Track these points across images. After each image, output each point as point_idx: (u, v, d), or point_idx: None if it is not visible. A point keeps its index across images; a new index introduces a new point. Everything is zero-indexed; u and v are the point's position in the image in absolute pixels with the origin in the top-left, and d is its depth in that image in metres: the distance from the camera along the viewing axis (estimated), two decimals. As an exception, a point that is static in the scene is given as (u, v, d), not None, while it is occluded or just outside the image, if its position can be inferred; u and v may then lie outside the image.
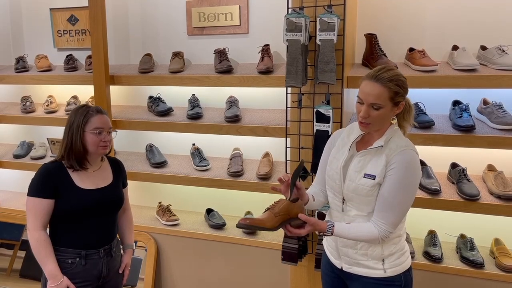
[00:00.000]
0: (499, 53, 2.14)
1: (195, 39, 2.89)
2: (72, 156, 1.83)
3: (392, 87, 1.51)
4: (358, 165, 1.61)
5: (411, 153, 1.56)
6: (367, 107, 1.53)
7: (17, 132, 3.42)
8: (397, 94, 1.52)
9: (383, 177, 1.56)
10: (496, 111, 2.16)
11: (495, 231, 2.36)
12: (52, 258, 1.79)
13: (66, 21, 3.18)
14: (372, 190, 1.57)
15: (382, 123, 1.57)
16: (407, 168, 1.53)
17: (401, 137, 1.61)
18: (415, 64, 2.25)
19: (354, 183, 1.60)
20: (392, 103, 1.53)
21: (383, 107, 1.52)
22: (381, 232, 1.55)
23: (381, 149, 1.57)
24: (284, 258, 2.25)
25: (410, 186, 1.55)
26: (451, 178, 2.34)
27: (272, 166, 2.64)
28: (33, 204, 1.79)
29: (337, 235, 1.59)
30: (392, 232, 1.57)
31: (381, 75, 1.51)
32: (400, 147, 1.56)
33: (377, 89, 1.51)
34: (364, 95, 1.53)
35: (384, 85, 1.50)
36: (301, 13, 2.10)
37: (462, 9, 2.33)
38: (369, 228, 1.56)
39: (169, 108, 2.80)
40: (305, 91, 2.21)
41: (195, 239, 2.71)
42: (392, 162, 1.54)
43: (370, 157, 1.59)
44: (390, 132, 1.59)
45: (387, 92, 1.51)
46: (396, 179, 1.53)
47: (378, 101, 1.51)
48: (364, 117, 1.53)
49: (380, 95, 1.51)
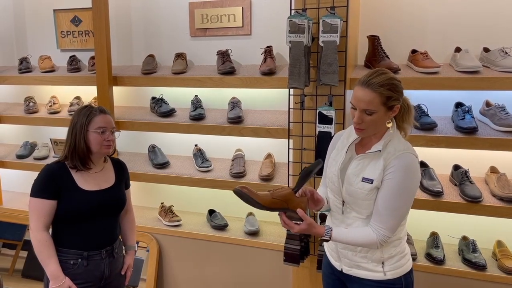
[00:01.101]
0: (502, 55, 2.13)
1: (198, 40, 2.89)
2: (76, 156, 1.83)
3: (384, 92, 1.48)
4: (356, 169, 1.60)
5: (410, 156, 1.54)
6: (360, 113, 1.52)
7: (20, 133, 3.43)
8: (390, 98, 1.50)
9: (381, 181, 1.55)
10: (498, 113, 2.15)
11: (497, 233, 2.35)
12: (54, 259, 1.80)
13: (70, 22, 3.20)
14: (369, 194, 1.57)
15: (377, 127, 1.56)
16: (405, 172, 1.52)
17: (400, 140, 1.59)
18: (418, 66, 2.25)
19: (352, 187, 1.60)
20: (386, 107, 1.51)
21: (376, 112, 1.50)
22: (380, 236, 1.54)
23: (379, 153, 1.57)
24: (286, 259, 2.25)
25: (408, 190, 1.54)
26: (453, 180, 2.33)
27: (275, 167, 2.64)
28: (36, 204, 1.79)
29: (335, 240, 1.58)
30: (391, 237, 1.56)
31: (372, 81, 1.49)
32: (399, 150, 1.54)
33: (368, 95, 1.49)
34: (356, 101, 1.52)
35: (374, 90, 1.48)
36: (304, 14, 2.10)
37: (465, 11, 2.33)
38: (367, 233, 1.55)
39: (172, 109, 2.80)
40: (308, 93, 2.22)
41: (197, 240, 2.72)
42: (390, 166, 1.53)
43: (369, 161, 1.59)
44: (388, 136, 1.57)
45: (379, 98, 1.48)
46: (394, 183, 1.52)
47: (370, 107, 1.49)
48: (357, 122, 1.53)
49: (372, 101, 1.49)
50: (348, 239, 1.57)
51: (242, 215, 2.85)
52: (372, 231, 1.55)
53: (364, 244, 1.57)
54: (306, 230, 1.57)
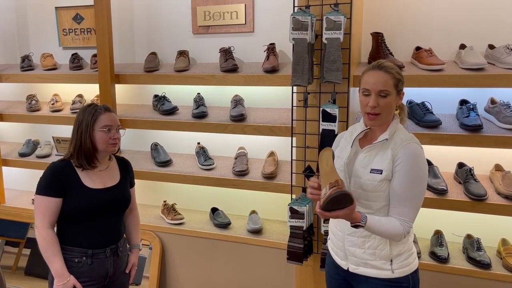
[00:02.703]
0: (507, 52, 2.12)
1: (200, 38, 2.88)
2: (82, 155, 1.83)
3: (396, 74, 1.58)
4: (364, 161, 1.61)
5: (416, 146, 1.58)
6: (375, 96, 1.56)
7: (23, 131, 3.43)
8: (399, 81, 1.59)
9: (391, 171, 1.56)
10: (503, 110, 2.14)
11: (502, 231, 2.34)
12: (59, 257, 1.80)
13: (72, 19, 3.19)
14: (379, 185, 1.57)
15: (389, 113, 1.60)
16: (414, 161, 1.55)
17: (404, 131, 1.63)
18: (422, 63, 2.24)
19: (361, 179, 1.60)
20: (396, 91, 1.58)
21: (390, 94, 1.56)
22: (405, 228, 1.55)
23: (386, 143, 1.59)
24: (290, 257, 2.24)
25: (420, 178, 1.56)
26: (458, 178, 2.32)
27: (277, 165, 2.64)
28: (42, 202, 1.79)
29: (368, 228, 1.55)
30: (412, 227, 1.57)
31: (384, 64, 1.59)
32: (405, 140, 1.58)
33: (383, 76, 1.56)
34: (371, 85, 1.57)
35: (388, 72, 1.57)
36: (308, 11, 2.09)
37: (469, 7, 2.31)
38: (395, 223, 1.55)
39: (174, 107, 2.79)
40: (311, 90, 2.20)
41: (200, 238, 2.71)
42: (398, 156, 1.56)
43: (376, 152, 1.61)
44: (393, 126, 1.61)
45: (392, 79, 1.56)
46: (405, 173, 1.54)
47: (386, 87, 1.55)
48: (373, 106, 1.56)
49: (387, 82, 1.56)
50: (381, 228, 1.55)
51: (245, 213, 2.85)
52: (399, 223, 1.55)
53: (392, 235, 1.56)
54: (349, 214, 1.48)
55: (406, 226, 1.55)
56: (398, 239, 1.57)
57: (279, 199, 2.59)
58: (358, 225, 1.53)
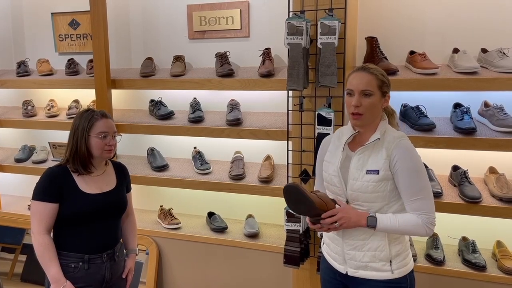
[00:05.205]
0: (499, 56, 2.14)
1: (196, 43, 2.90)
2: (77, 160, 1.83)
3: (379, 76, 1.61)
4: (359, 163, 1.62)
5: (407, 141, 1.62)
6: (358, 96, 1.59)
7: (19, 136, 3.42)
8: (383, 83, 1.61)
9: (389, 170, 1.58)
10: (497, 113, 2.16)
11: (497, 234, 2.36)
12: (55, 262, 1.79)
13: (68, 25, 3.19)
14: (377, 186, 1.58)
15: (372, 113, 1.61)
16: (411, 156, 1.58)
17: (393, 129, 1.67)
18: (416, 67, 2.26)
19: (358, 181, 1.61)
20: (381, 92, 1.61)
21: (374, 95, 1.59)
22: (424, 220, 1.55)
23: (378, 142, 1.61)
24: (286, 261, 2.25)
25: (422, 168, 1.59)
26: (452, 180, 2.34)
27: (274, 169, 2.64)
28: (38, 208, 1.79)
29: (381, 229, 1.58)
30: (435, 217, 1.58)
31: (368, 66, 1.64)
32: (397, 138, 1.61)
33: (366, 77, 1.60)
34: (354, 85, 1.60)
35: (372, 73, 1.60)
36: (302, 16, 2.11)
37: (462, 12, 2.34)
38: (412, 217, 1.57)
39: (171, 111, 2.80)
40: (307, 94, 2.22)
41: (197, 242, 2.71)
42: (393, 155, 1.58)
43: (369, 153, 1.62)
44: (383, 126, 1.64)
45: (375, 80, 1.59)
46: (407, 168, 1.56)
47: (368, 87, 1.58)
48: (356, 105, 1.58)
49: (370, 82, 1.59)
50: (401, 225, 1.56)
51: (242, 217, 2.85)
52: (416, 217, 1.56)
53: (411, 230, 1.57)
54: (345, 217, 1.59)
55: (425, 218, 1.56)
56: (424, 233, 1.57)
57: (276, 203, 2.59)
58: (370, 226, 1.57)
